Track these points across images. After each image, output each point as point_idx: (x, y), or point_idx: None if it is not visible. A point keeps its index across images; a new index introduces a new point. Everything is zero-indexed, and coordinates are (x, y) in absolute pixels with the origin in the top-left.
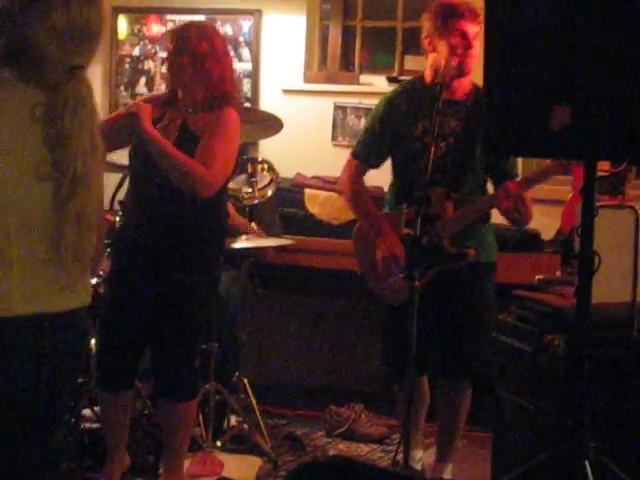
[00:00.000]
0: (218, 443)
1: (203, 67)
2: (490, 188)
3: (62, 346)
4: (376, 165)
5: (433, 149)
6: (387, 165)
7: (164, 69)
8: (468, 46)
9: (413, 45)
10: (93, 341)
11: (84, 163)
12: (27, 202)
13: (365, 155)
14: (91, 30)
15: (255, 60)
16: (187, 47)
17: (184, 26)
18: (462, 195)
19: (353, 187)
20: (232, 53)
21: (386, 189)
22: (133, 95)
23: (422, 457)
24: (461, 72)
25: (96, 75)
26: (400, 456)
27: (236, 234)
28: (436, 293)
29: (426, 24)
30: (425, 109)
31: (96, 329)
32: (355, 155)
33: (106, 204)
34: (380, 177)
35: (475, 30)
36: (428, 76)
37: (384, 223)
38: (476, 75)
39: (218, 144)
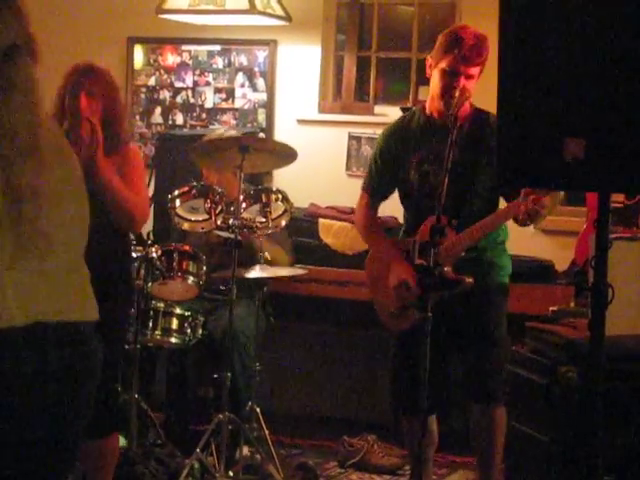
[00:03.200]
0: (230, 473)
1: (115, 109)
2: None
3: (70, 364)
4: (383, 197)
5: (433, 178)
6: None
7: (179, 99)
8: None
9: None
10: None
11: (21, 147)
12: None
13: (371, 189)
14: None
15: (270, 90)
16: (99, 89)
17: (89, 67)
18: (463, 220)
19: (364, 221)
20: (247, 83)
21: (400, 219)
22: (149, 125)
23: None
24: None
25: None
26: None
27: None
28: (444, 322)
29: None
30: (422, 139)
31: None
32: (364, 189)
33: None
34: (395, 207)
35: (471, 72)
36: (428, 106)
37: (394, 250)
38: (490, 104)
39: (140, 183)
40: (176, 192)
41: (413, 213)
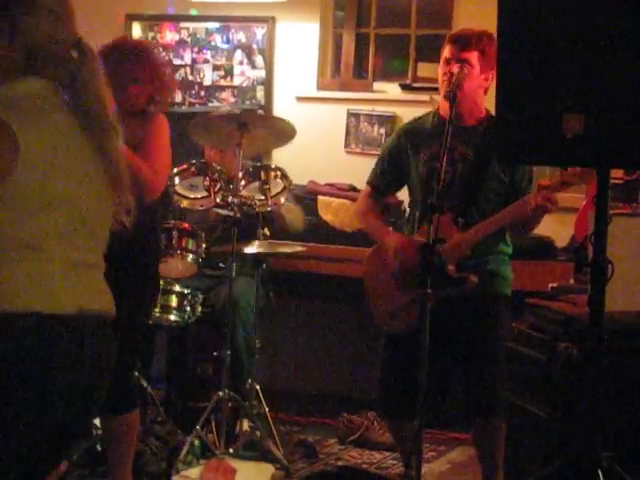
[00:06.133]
0: (230, 450)
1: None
2: None
3: (100, 348)
4: (387, 193)
5: (441, 175)
6: None
7: (178, 77)
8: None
9: (426, 52)
10: None
11: (108, 132)
12: (77, 199)
13: (376, 183)
14: None
15: (269, 67)
16: (144, 73)
17: (131, 47)
18: (469, 219)
19: (362, 207)
20: (246, 61)
21: (406, 203)
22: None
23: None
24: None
25: None
26: None
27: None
28: (446, 330)
29: None
30: (434, 137)
31: None
32: (368, 182)
33: None
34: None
35: (464, 56)
36: (441, 107)
37: (389, 231)
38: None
39: (157, 152)
40: (175, 170)
41: (419, 209)
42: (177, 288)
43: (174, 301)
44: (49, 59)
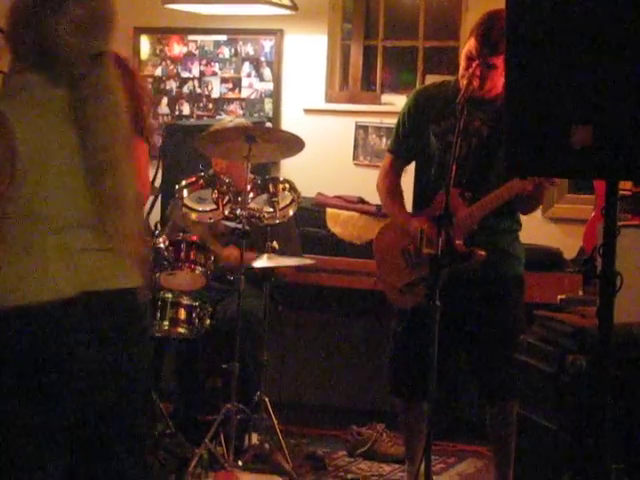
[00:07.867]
0: (239, 462)
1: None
2: None
3: (121, 326)
4: (408, 160)
5: (455, 151)
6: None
7: (186, 89)
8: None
9: (435, 64)
10: None
11: (112, 147)
12: (64, 196)
13: (396, 147)
14: (107, 13)
15: (277, 80)
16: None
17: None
18: (478, 194)
19: (385, 183)
20: (254, 73)
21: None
22: (155, 115)
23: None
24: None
25: None
26: None
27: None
28: (455, 312)
29: None
30: (451, 109)
31: None
32: (389, 149)
33: None
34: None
35: (491, 61)
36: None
37: (410, 216)
38: None
39: None
40: (184, 182)
41: (428, 185)
42: (186, 301)
43: (183, 314)
44: (58, 61)
